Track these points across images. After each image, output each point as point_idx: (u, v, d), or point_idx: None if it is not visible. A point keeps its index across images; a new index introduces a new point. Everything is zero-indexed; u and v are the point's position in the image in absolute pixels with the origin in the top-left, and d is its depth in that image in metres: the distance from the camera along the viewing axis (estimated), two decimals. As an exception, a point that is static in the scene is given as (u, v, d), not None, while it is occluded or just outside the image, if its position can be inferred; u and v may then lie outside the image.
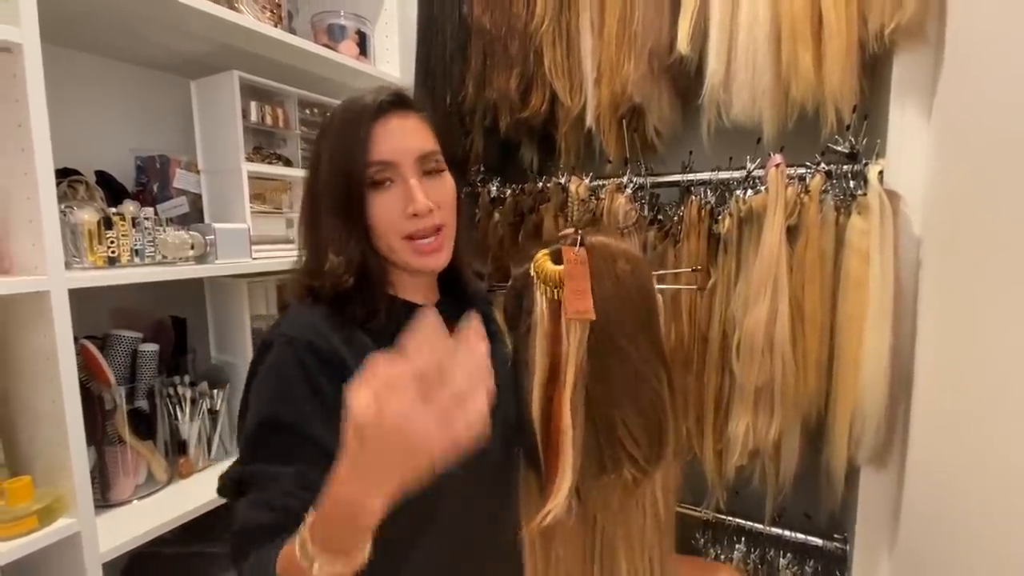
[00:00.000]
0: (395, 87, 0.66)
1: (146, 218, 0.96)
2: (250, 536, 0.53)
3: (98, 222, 0.88)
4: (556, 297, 0.69)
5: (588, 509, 0.71)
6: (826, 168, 0.98)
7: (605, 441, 0.68)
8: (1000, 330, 0.63)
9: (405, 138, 0.63)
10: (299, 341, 0.59)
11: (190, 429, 1.09)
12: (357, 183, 0.61)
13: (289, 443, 0.55)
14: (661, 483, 0.74)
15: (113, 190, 1.11)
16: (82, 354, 0.92)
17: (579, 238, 0.71)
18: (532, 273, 0.72)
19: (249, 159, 1.15)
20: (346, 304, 0.62)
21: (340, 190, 0.62)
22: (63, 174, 1.00)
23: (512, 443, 0.72)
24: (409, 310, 0.67)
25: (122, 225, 0.92)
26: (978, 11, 0.75)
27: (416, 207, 0.62)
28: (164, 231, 0.99)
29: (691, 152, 1.15)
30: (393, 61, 1.47)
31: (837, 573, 1.11)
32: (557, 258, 0.70)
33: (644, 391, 0.69)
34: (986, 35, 0.72)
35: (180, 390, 1.08)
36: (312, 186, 0.65)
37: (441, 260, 0.66)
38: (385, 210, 0.63)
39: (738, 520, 1.19)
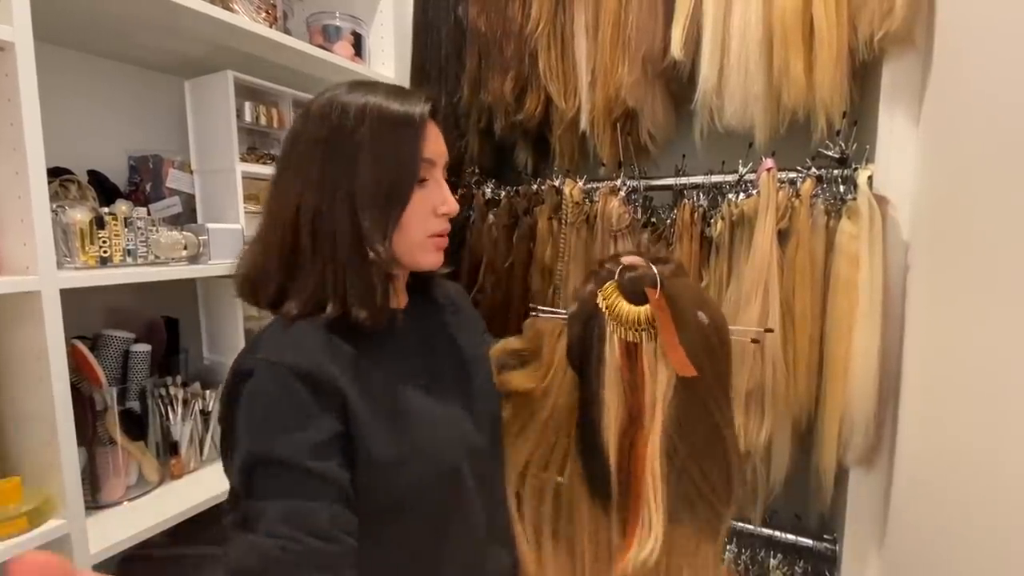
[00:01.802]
0: (425, 91, 0.66)
1: (139, 218, 0.96)
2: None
3: (90, 222, 0.88)
4: (633, 339, 0.65)
5: (672, 556, 0.68)
6: (817, 173, 1.00)
7: (681, 489, 0.65)
8: (986, 333, 0.64)
9: (440, 143, 0.65)
10: (282, 366, 0.55)
11: (182, 430, 1.08)
12: (410, 177, 0.61)
13: (286, 479, 0.53)
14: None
15: (106, 190, 1.10)
16: (73, 354, 0.92)
17: (659, 279, 0.65)
18: (602, 308, 0.68)
19: (243, 159, 1.15)
20: (346, 321, 0.59)
21: (389, 184, 0.60)
22: (55, 173, 1.00)
23: (497, 433, 0.72)
24: (393, 315, 0.65)
25: (114, 225, 0.91)
26: (966, 18, 0.76)
27: (450, 207, 0.64)
28: (157, 231, 0.99)
29: (684, 156, 1.16)
30: (388, 63, 1.47)
31: (827, 573, 1.12)
32: (628, 293, 0.66)
33: (720, 441, 0.67)
34: (973, 42, 0.73)
35: (172, 391, 1.08)
36: (341, 182, 0.60)
37: (442, 258, 0.68)
38: (418, 207, 0.62)
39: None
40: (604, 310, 0.67)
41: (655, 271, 0.65)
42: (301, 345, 0.58)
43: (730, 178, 1.08)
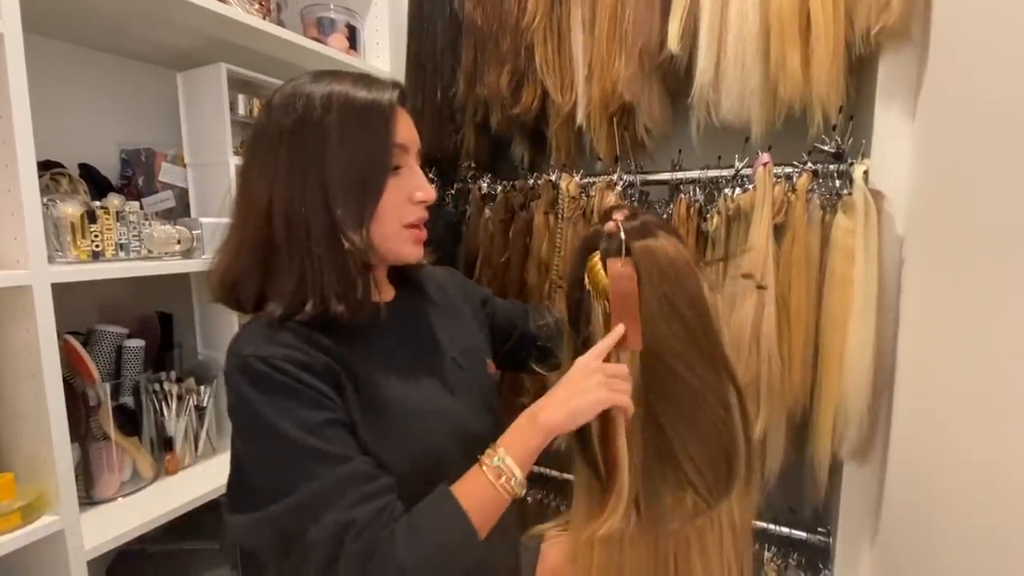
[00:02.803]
0: (389, 78, 0.64)
1: (131, 212, 0.95)
2: (370, 526, 0.51)
3: (81, 215, 0.87)
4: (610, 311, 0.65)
5: (656, 527, 0.67)
6: (813, 167, 1.00)
7: (668, 467, 0.64)
8: (981, 327, 0.64)
9: (412, 129, 0.64)
10: (275, 358, 0.55)
11: (176, 425, 1.07)
12: (383, 165, 0.59)
13: (319, 455, 0.53)
14: (738, 501, 0.70)
15: (97, 183, 1.09)
16: (65, 350, 0.91)
17: (624, 243, 0.64)
18: (586, 282, 0.68)
19: (237, 153, 1.14)
20: (327, 317, 0.57)
21: (362, 172, 0.58)
22: (46, 167, 0.99)
23: (491, 412, 0.72)
24: (377, 309, 0.64)
25: (106, 219, 0.90)
26: (962, 13, 0.76)
27: (427, 194, 0.63)
28: (150, 225, 0.98)
29: (680, 151, 1.15)
30: (383, 55, 1.46)
31: (820, 565, 1.13)
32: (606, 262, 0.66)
33: (705, 418, 0.63)
34: (969, 36, 0.73)
35: (166, 386, 1.07)
36: (310, 173, 0.58)
37: (422, 252, 0.67)
38: (393, 195, 0.61)
39: (724, 514, 1.21)
40: (589, 287, 0.67)
41: (623, 238, 0.64)
42: (285, 341, 0.57)
43: (726, 173, 1.08)
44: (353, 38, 1.39)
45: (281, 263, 0.59)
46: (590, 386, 0.59)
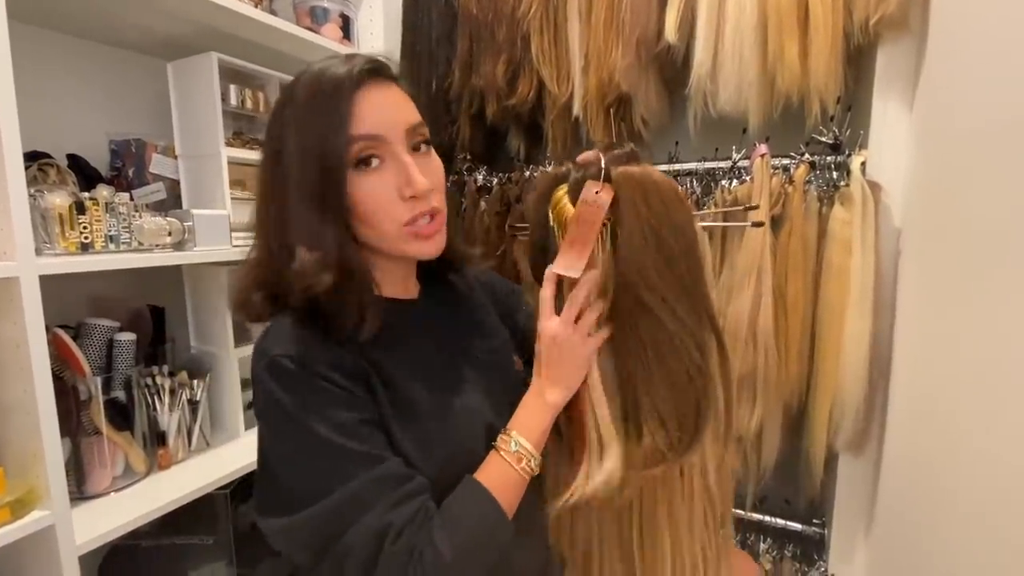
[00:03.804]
0: (371, 55, 0.57)
1: (121, 203, 0.93)
2: (407, 527, 0.50)
3: (70, 207, 0.85)
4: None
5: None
6: (810, 159, 0.99)
7: (631, 418, 0.58)
8: (977, 319, 0.64)
9: (390, 109, 0.55)
10: (303, 357, 0.53)
11: (169, 420, 1.06)
12: (336, 164, 0.53)
13: (353, 456, 0.51)
14: (715, 464, 0.63)
15: (86, 175, 1.07)
16: (54, 343, 0.90)
17: (603, 169, 0.57)
18: (551, 219, 0.60)
19: (229, 144, 1.13)
20: (324, 314, 0.54)
21: (313, 173, 0.53)
22: (33, 157, 0.97)
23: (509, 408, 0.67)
24: (395, 309, 0.60)
25: (95, 210, 0.89)
26: (961, 3, 0.76)
27: (416, 188, 0.54)
28: (140, 217, 0.96)
29: (677, 142, 1.15)
30: (377, 45, 1.44)
31: (815, 557, 1.13)
32: (575, 195, 0.58)
33: (679, 363, 0.56)
34: (968, 26, 0.73)
35: (159, 380, 1.06)
36: (271, 172, 0.55)
37: (441, 244, 0.60)
38: (376, 193, 0.54)
39: (720, 506, 1.21)
40: (553, 223, 0.60)
41: (602, 164, 0.57)
42: (313, 339, 0.54)
43: (723, 164, 1.07)
44: (347, 28, 1.37)
45: (287, 277, 0.55)
46: (576, 354, 0.59)
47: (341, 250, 0.54)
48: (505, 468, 0.57)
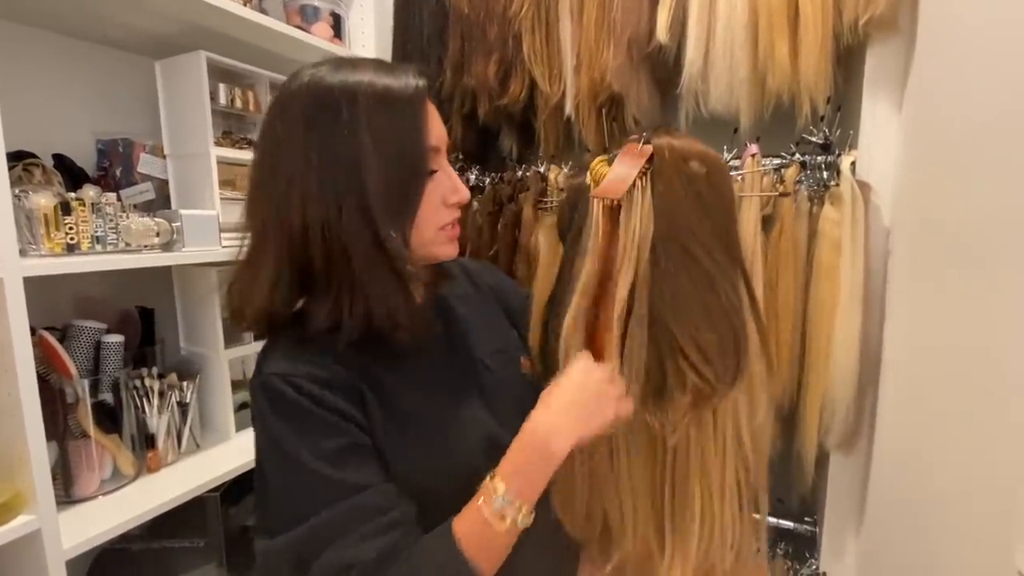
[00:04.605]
0: (413, 66, 0.59)
1: (107, 204, 0.92)
2: (369, 566, 0.49)
3: (55, 207, 0.84)
4: (613, 205, 0.60)
5: (654, 433, 0.64)
6: (801, 159, 1.00)
7: (668, 357, 0.59)
8: (966, 318, 0.64)
9: (439, 122, 0.59)
10: (294, 376, 0.53)
11: (158, 422, 1.05)
12: (421, 175, 0.56)
13: (331, 485, 0.51)
14: (747, 416, 0.66)
15: (73, 175, 1.06)
16: (40, 345, 0.89)
17: (643, 137, 0.62)
18: (588, 181, 0.64)
19: (218, 144, 1.12)
20: (335, 323, 0.55)
21: (402, 185, 0.55)
22: (17, 157, 0.96)
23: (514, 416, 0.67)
24: (426, 319, 0.62)
25: (81, 211, 0.88)
26: (950, 3, 0.76)
27: (463, 195, 0.60)
28: (127, 217, 0.95)
29: (669, 142, 1.15)
30: (369, 45, 1.43)
31: (807, 555, 1.14)
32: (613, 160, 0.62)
33: (718, 302, 0.60)
34: (957, 27, 0.73)
35: (148, 382, 1.05)
36: (350, 192, 0.53)
37: (457, 247, 0.64)
38: (431, 199, 0.58)
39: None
40: (590, 182, 0.64)
41: (644, 135, 0.62)
42: (307, 356, 0.55)
43: (715, 164, 1.07)
44: (338, 27, 1.36)
45: (319, 284, 0.55)
46: (605, 408, 0.56)
47: (406, 266, 0.56)
48: (483, 528, 0.51)
